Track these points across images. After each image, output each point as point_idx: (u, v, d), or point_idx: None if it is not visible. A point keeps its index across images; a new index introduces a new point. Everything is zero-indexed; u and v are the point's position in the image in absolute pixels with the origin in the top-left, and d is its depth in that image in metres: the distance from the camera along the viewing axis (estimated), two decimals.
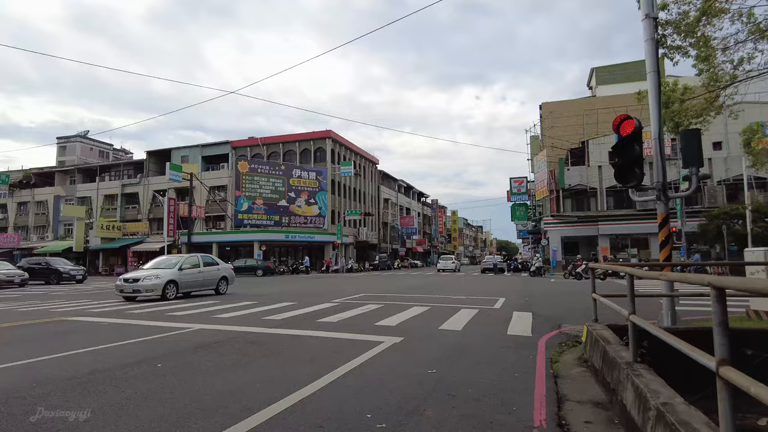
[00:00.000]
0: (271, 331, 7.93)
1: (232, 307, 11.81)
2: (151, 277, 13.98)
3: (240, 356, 6.04)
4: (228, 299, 13.98)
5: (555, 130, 38.88)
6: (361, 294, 15.13)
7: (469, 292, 16.61)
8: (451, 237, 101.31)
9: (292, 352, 6.28)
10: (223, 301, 13.25)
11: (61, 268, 27.78)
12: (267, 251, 43.43)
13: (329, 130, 47.46)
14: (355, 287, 19.48)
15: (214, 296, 15.44)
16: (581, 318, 9.60)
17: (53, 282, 26.81)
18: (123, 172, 56.89)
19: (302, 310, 10.77)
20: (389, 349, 6.44)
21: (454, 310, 10.64)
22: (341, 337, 7.31)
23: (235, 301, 13.11)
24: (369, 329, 8.08)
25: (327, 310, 10.87)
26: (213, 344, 6.87)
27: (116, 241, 46.92)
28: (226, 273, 17.12)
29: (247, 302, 12.84)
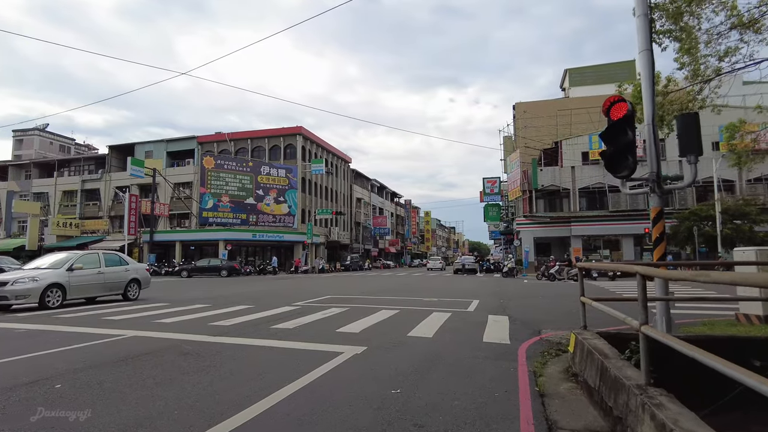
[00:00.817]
0: (214, 340, 6.89)
1: (181, 311, 10.67)
2: (25, 280, 11.13)
3: (169, 372, 5.01)
4: (180, 302, 12.79)
5: (528, 130, 38.65)
6: (326, 296, 14.14)
7: (441, 293, 15.80)
8: (424, 238, 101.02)
9: (232, 367, 5.27)
10: (172, 304, 12.08)
11: (6, 268, 25.75)
12: (233, 251, 41.83)
13: (300, 126, 46.16)
14: (321, 289, 18.46)
15: (162, 299, 14.18)
16: (562, 322, 8.87)
17: None
18: (83, 167, 54.32)
19: (257, 315, 9.73)
20: (348, 361, 5.50)
21: (425, 314, 9.78)
22: (295, 348, 6.33)
23: (186, 305, 11.95)
24: (329, 337, 7.12)
25: (285, 314, 9.85)
26: (141, 356, 5.80)
27: (73, 240, 44.52)
28: (138, 275, 14.18)
29: (200, 305, 11.70)
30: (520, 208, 37.20)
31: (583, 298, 5.60)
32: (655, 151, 6.53)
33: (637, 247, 33.59)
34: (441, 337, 7.17)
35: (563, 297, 14.23)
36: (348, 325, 8.26)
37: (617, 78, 46.68)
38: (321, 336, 7.19)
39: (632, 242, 33.44)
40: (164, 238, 41.84)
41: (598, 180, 34.37)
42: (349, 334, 7.35)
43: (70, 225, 45.46)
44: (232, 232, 40.23)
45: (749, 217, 26.52)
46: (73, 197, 51.39)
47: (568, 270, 29.56)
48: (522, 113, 38.94)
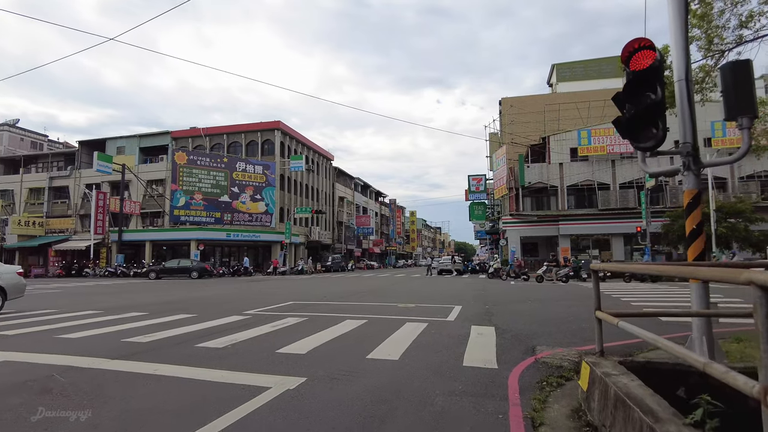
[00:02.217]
0: (108, 366, 5.17)
1: (103, 321, 8.90)
2: None
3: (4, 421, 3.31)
4: (113, 310, 10.98)
5: (515, 126, 37.32)
6: (289, 302, 12.43)
7: (421, 297, 14.19)
8: (410, 238, 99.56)
9: (101, 413, 3.59)
10: (106, 312, 10.28)
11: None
12: (207, 251, 39.84)
13: (278, 120, 44.26)
14: (288, 293, 16.75)
15: (96, 306, 12.35)
16: (559, 335, 7.30)
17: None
18: (51, 163, 51.75)
19: (192, 327, 8.01)
20: (269, 405, 3.85)
21: (397, 325, 8.15)
22: (206, 379, 4.65)
23: (117, 313, 10.16)
24: (262, 361, 5.45)
25: (226, 327, 8.15)
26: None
27: (37, 239, 42.07)
28: (5, 282, 10.68)
29: (135, 314, 9.94)
30: (506, 207, 35.82)
31: (600, 313, 4.02)
32: (690, 116, 4.99)
33: (627, 247, 32.41)
34: (409, 360, 5.54)
35: (554, 302, 12.71)
36: (297, 342, 6.59)
37: (606, 74, 45.75)
38: (253, 360, 5.52)
39: (622, 242, 32.25)
40: (133, 238, 39.69)
41: (587, 177, 33.14)
42: (292, 357, 5.68)
43: (34, 224, 42.94)
44: (205, 232, 38.22)
45: (744, 216, 25.39)
46: (40, 195, 48.81)
47: (556, 270, 28.25)
48: (509, 108, 37.61)
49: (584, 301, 12.75)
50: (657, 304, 11.75)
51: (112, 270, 35.92)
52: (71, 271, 37.97)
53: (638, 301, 12.61)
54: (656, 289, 18.01)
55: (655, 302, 12.14)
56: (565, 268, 29.60)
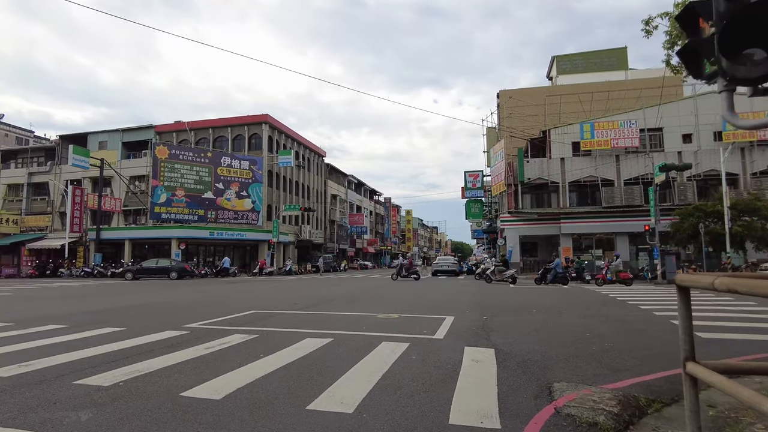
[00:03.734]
0: None
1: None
2: None
3: None
4: (28, 322, 9.06)
5: (514, 119, 35.50)
6: (251, 311, 10.53)
7: (408, 304, 12.32)
8: (405, 237, 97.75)
9: None
10: (16, 325, 8.37)
11: None
12: (191, 250, 37.90)
13: (265, 114, 42.29)
14: (259, 297, 14.88)
15: (12, 318, 10.43)
16: (580, 361, 5.45)
17: None
18: (32, 159, 49.59)
19: (101, 349, 6.13)
20: None
21: (369, 346, 6.27)
22: None
23: (28, 326, 8.24)
24: (146, 415, 3.57)
25: (145, 348, 6.26)
26: None
27: (10, 237, 40.00)
28: None
29: (51, 327, 8.02)
30: (504, 204, 33.99)
31: (696, 367, 2.16)
32: None
33: (632, 247, 30.63)
34: (370, 414, 3.67)
35: (563, 311, 10.88)
36: (221, 376, 4.72)
37: (607, 66, 43.98)
38: (136, 412, 3.63)
39: (627, 241, 30.46)
40: (112, 236, 37.70)
41: (590, 173, 31.35)
42: (198, 407, 3.80)
43: (7, 221, 40.85)
44: (187, 230, 36.24)
45: (760, 213, 23.65)
46: (18, 191, 46.73)
47: (499, 270, 26.47)
48: (507, 100, 35.76)
49: (599, 310, 10.92)
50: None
51: (89, 270, 33.95)
52: (45, 271, 35.96)
53: (659, 308, 10.79)
54: (667, 293, 16.19)
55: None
56: (505, 270, 27.09)
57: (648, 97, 32.80)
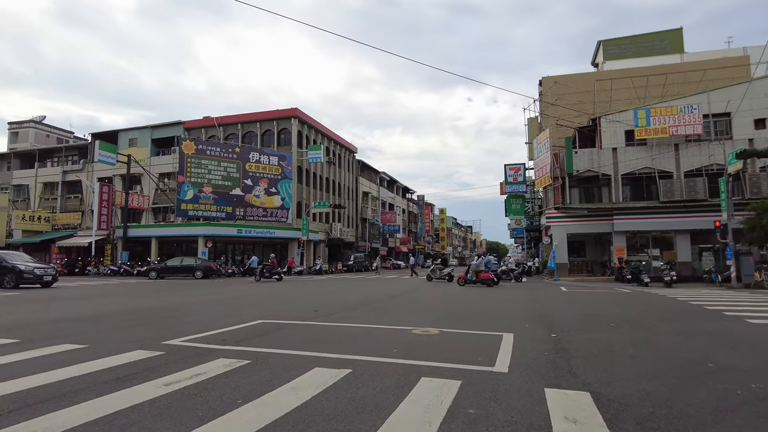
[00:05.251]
0: None
1: None
2: None
3: None
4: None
5: (559, 107, 32.71)
6: (258, 320, 8.66)
7: (448, 313, 10.25)
8: (439, 236, 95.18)
9: None
10: None
11: (21, 265, 19.60)
12: (219, 248, 36.79)
13: (295, 108, 40.81)
14: (274, 302, 13.09)
15: None
16: (741, 417, 3.28)
17: (9, 285, 18.90)
18: (67, 157, 49.82)
19: (34, 380, 4.35)
20: None
21: (400, 388, 4.23)
22: None
23: None
24: None
25: (94, 379, 4.44)
26: None
27: (42, 235, 39.89)
28: None
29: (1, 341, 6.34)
30: (550, 200, 31.28)
31: None
32: None
33: (694, 246, 27.49)
34: None
35: (650, 326, 8.57)
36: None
37: (659, 50, 40.44)
38: None
39: (688, 240, 27.33)
40: (139, 234, 36.91)
41: (646, 164, 28.36)
42: None
43: (40, 219, 40.78)
44: (214, 227, 35.08)
45: None
46: (54, 189, 46.95)
47: (438, 269, 25.63)
48: (552, 86, 32.98)
49: (695, 324, 8.57)
50: None
51: (115, 268, 33.21)
52: (74, 269, 35.48)
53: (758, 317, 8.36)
54: (758, 299, 13.51)
55: None
56: (442, 267, 26.18)
57: (711, 80, 29.52)
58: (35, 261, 21.87)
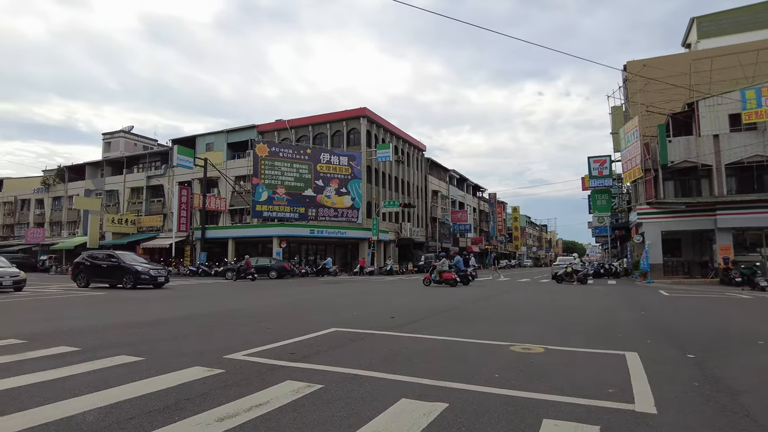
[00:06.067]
0: None
1: None
2: None
3: None
4: (38, 339, 7.17)
5: (648, 93, 29.77)
6: (331, 328, 7.87)
7: (542, 324, 8.98)
8: (512, 236, 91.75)
9: None
10: (12, 349, 6.48)
11: (138, 266, 19.88)
12: (292, 249, 37.16)
13: (364, 107, 40.45)
14: (348, 305, 12.36)
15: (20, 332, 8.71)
16: None
17: (127, 285, 19.20)
18: (150, 163, 52.81)
19: (83, 402, 3.77)
20: None
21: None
22: None
23: (30, 349, 6.25)
24: None
25: (143, 404, 3.78)
26: None
27: (129, 237, 42.32)
28: None
29: (59, 349, 5.95)
30: (641, 194, 28.51)
31: None
32: None
33: None
34: None
35: None
36: None
37: (764, 22, 35.84)
38: None
39: None
40: (216, 235, 38.09)
41: (756, 152, 25.01)
42: None
43: (126, 222, 43.30)
44: (287, 228, 35.44)
45: None
46: (139, 194, 49.89)
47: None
48: (639, 70, 30.03)
49: None
50: None
51: (194, 269, 34.37)
52: None
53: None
54: None
55: None
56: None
57: None
58: (148, 262, 22.48)
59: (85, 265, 20.49)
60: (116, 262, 19.89)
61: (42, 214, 57.87)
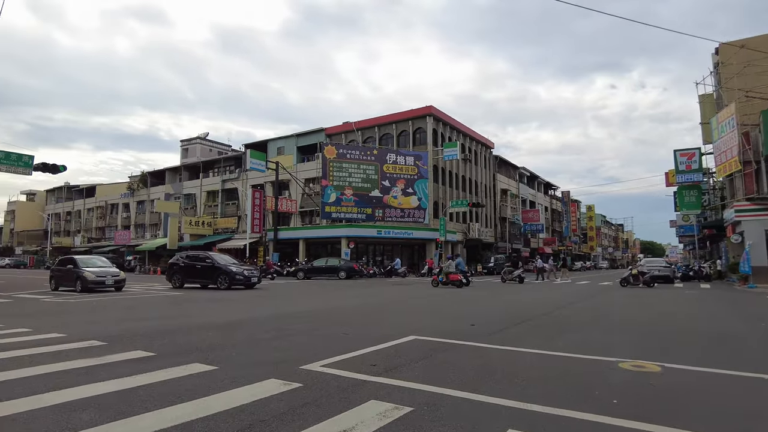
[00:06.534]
0: None
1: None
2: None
3: None
4: (116, 341, 7.19)
5: (746, 78, 26.90)
6: (410, 336, 7.36)
7: (643, 335, 8.01)
8: (587, 236, 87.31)
9: None
10: (87, 352, 6.50)
11: (233, 267, 20.15)
12: (360, 249, 37.26)
13: (430, 105, 39.78)
14: (421, 310, 11.87)
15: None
16: None
17: (222, 286, 19.40)
18: (225, 168, 55.11)
19: (153, 419, 3.49)
20: None
21: None
22: None
23: (104, 353, 6.23)
24: None
25: (214, 424, 3.41)
26: None
27: (205, 238, 44.27)
28: None
29: (132, 354, 5.88)
30: (739, 189, 25.82)
31: None
32: None
33: None
34: None
35: None
36: None
37: None
38: None
39: None
40: (288, 236, 38.94)
41: None
42: None
43: (203, 224, 45.32)
44: (355, 228, 35.58)
45: None
46: (215, 197, 52.17)
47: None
48: (735, 53, 27.20)
49: None
50: None
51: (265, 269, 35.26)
52: None
53: None
54: None
55: None
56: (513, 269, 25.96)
57: None
58: (240, 262, 23.01)
59: (180, 266, 21.03)
60: (211, 263, 20.23)
61: (128, 217, 62.09)
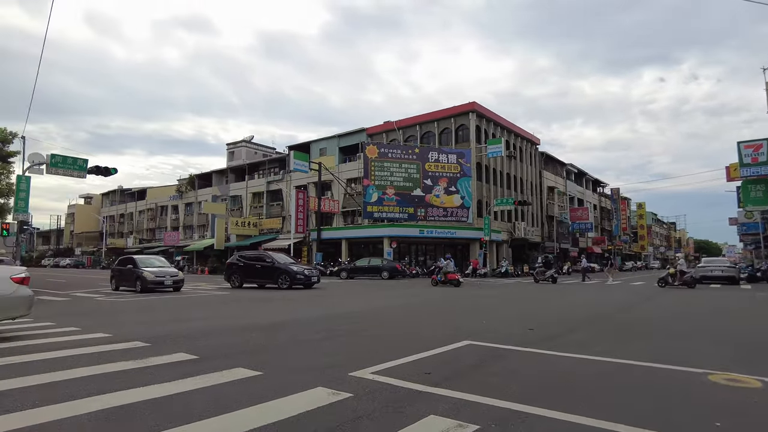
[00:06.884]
0: None
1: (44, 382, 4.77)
2: None
3: None
4: (159, 341, 7.03)
5: None
6: (462, 341, 6.87)
7: (711, 341, 7.25)
8: (637, 235, 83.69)
9: None
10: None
11: (294, 267, 20.19)
12: (402, 249, 36.87)
13: (473, 102, 38.95)
14: (470, 310, 11.33)
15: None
16: None
17: (283, 286, 19.25)
18: (269, 170, 56.00)
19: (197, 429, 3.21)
20: None
21: None
22: None
23: (148, 354, 6.05)
24: None
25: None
26: None
27: (251, 238, 45.03)
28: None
29: (173, 357, 5.68)
30: None
31: None
32: None
33: None
34: None
35: None
36: None
37: None
38: None
39: None
40: (331, 236, 39.04)
41: None
42: None
43: (249, 224, 46.14)
44: (397, 228, 35.23)
45: None
46: (260, 198, 53.08)
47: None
48: None
49: None
50: None
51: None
52: None
53: None
54: None
55: None
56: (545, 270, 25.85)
57: None
58: (298, 262, 23.02)
59: (239, 265, 20.92)
60: (271, 263, 20.09)
61: (177, 219, 64.13)
